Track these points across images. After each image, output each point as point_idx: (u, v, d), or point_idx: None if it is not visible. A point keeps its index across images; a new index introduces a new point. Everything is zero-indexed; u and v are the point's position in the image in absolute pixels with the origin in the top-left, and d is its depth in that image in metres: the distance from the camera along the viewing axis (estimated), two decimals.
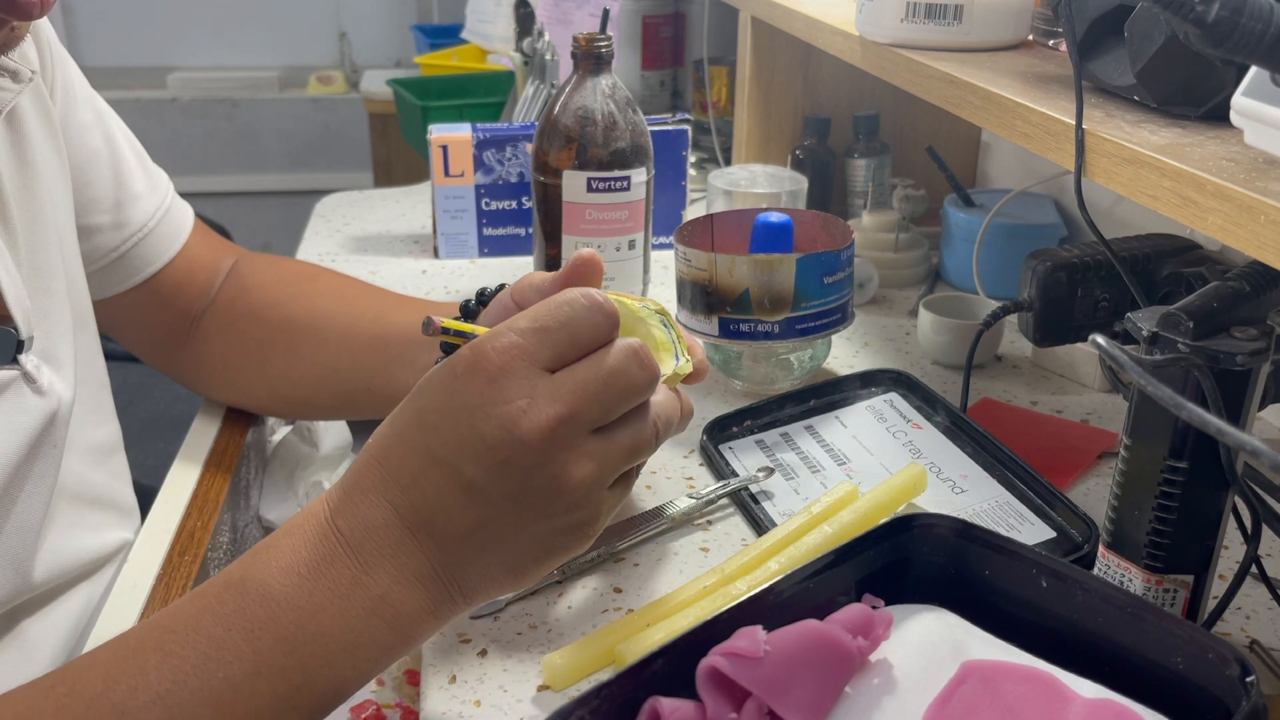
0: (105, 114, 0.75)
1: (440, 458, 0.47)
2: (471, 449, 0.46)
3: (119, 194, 0.74)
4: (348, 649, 0.46)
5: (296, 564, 0.47)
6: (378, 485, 0.48)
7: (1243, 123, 0.46)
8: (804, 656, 0.45)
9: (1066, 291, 0.78)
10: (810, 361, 0.87)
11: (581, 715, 0.44)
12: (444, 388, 0.48)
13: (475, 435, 0.46)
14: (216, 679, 0.44)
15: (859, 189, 1.21)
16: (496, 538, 0.48)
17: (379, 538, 0.47)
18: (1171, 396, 0.39)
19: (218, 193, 3.15)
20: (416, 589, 0.48)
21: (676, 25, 1.75)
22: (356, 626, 0.46)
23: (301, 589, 0.46)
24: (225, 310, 0.81)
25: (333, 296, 0.80)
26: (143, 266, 0.76)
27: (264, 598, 0.46)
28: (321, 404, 0.82)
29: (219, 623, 0.45)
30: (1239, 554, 0.56)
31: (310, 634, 0.46)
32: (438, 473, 0.47)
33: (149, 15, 3.12)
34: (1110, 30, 0.60)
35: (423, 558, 0.48)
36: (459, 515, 0.47)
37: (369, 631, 0.47)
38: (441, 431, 0.47)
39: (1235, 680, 0.43)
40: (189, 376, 0.84)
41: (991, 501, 0.71)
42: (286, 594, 0.46)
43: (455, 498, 0.47)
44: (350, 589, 0.46)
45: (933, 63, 0.73)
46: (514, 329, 0.47)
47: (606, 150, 0.92)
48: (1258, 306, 0.51)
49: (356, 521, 0.47)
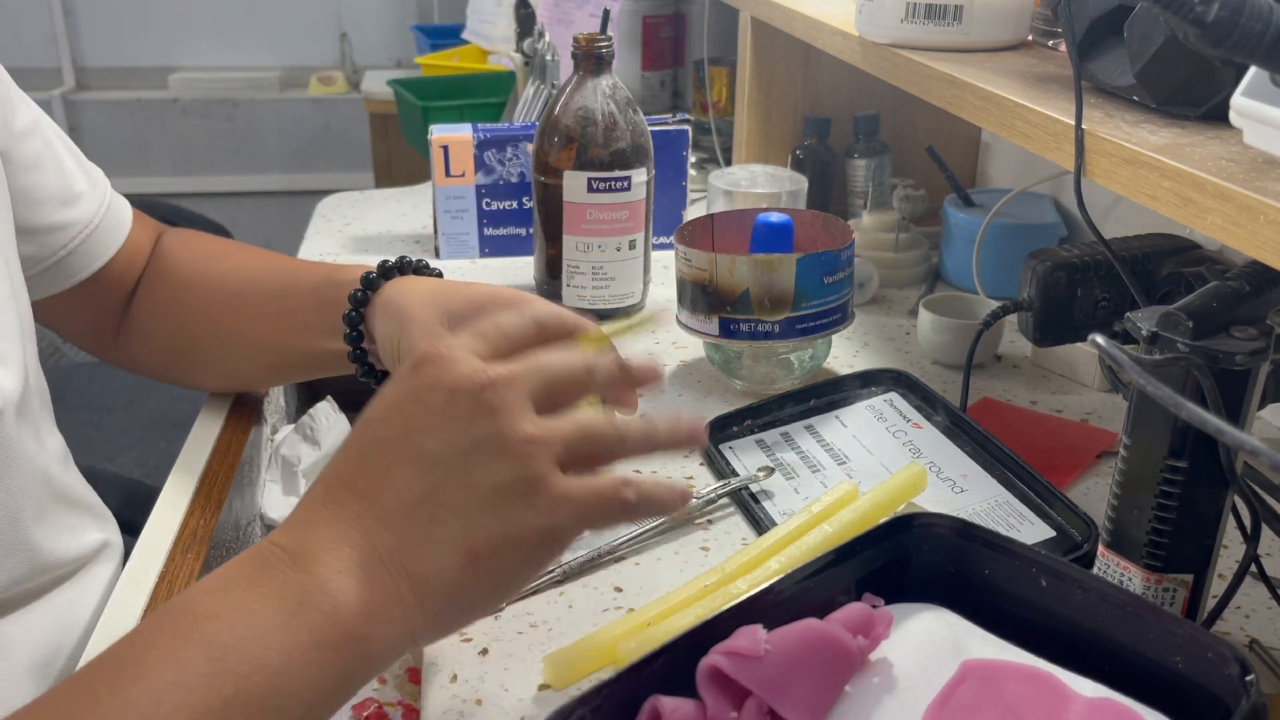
0: (39, 118, 0.74)
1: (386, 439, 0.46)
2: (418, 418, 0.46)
3: (63, 194, 0.74)
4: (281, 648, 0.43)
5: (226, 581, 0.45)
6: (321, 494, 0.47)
7: (1242, 123, 0.47)
8: (804, 655, 0.45)
9: (1066, 291, 0.78)
10: (810, 361, 0.87)
11: (582, 714, 0.44)
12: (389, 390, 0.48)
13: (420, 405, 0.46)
14: (132, 692, 0.41)
15: (859, 189, 1.22)
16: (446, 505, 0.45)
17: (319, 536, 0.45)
18: (1171, 396, 0.39)
19: (219, 193, 3.15)
20: (358, 579, 0.44)
21: (677, 25, 1.75)
22: (290, 624, 0.43)
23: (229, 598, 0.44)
24: (151, 294, 0.81)
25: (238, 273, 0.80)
26: (89, 262, 0.76)
27: (187, 612, 0.44)
28: (256, 376, 0.84)
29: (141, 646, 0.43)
30: (1238, 553, 0.57)
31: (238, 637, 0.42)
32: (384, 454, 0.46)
33: (150, 16, 3.12)
34: (1110, 30, 0.61)
35: (367, 546, 0.45)
36: (406, 485, 0.45)
37: (304, 628, 0.43)
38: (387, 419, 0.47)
39: (1235, 679, 0.43)
40: (126, 361, 0.85)
41: (991, 501, 0.71)
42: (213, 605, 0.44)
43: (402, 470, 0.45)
44: (283, 588, 0.44)
45: (933, 63, 0.73)
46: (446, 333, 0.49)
47: (607, 150, 0.92)
48: (1257, 306, 0.51)
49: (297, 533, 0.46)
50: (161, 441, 1.40)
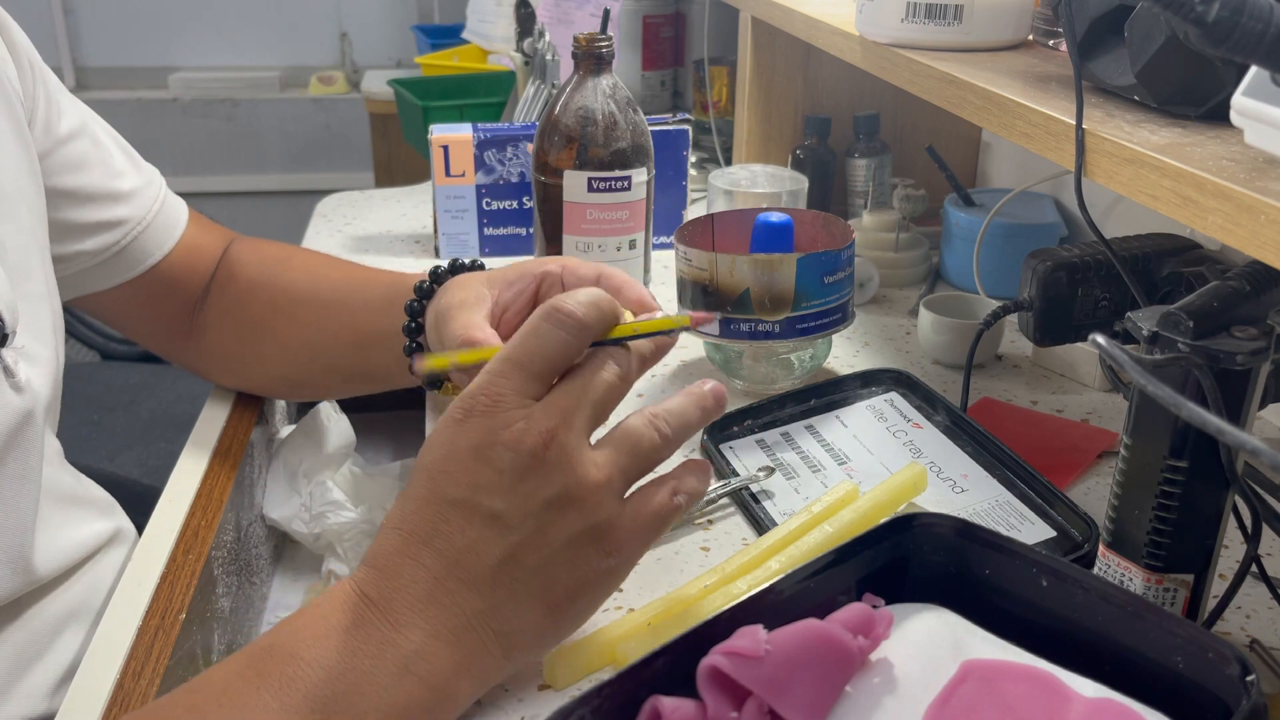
0: (88, 119, 0.76)
1: (457, 499, 0.48)
2: (486, 480, 0.48)
3: (113, 193, 0.76)
4: (380, 710, 0.46)
5: (326, 629, 0.47)
6: (400, 548, 0.48)
7: (1243, 122, 0.46)
8: (804, 656, 0.45)
9: (1067, 291, 0.78)
10: (811, 361, 0.87)
11: (583, 714, 0.44)
12: (445, 438, 0.49)
13: (486, 467, 0.48)
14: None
15: (859, 189, 1.22)
16: (526, 567, 0.48)
17: (408, 595, 0.47)
18: (1172, 396, 0.39)
19: (219, 193, 3.15)
20: (450, 643, 0.47)
21: (677, 25, 1.75)
22: (389, 685, 0.46)
23: (330, 650, 0.46)
24: (219, 298, 0.83)
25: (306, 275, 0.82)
26: (143, 259, 0.78)
27: (292, 658, 0.46)
28: (317, 382, 0.85)
29: (247, 684, 0.45)
30: (1239, 553, 0.57)
31: (340, 692, 0.45)
32: (458, 514, 0.48)
33: (150, 15, 3.12)
34: (1110, 30, 0.60)
35: (455, 609, 0.47)
36: (486, 550, 0.48)
37: (402, 691, 0.46)
38: (452, 475, 0.48)
39: (1235, 679, 0.43)
40: (194, 364, 0.87)
41: (992, 501, 0.71)
42: (315, 654, 0.46)
43: (479, 533, 0.48)
44: (381, 648, 0.46)
45: (933, 63, 0.73)
46: (492, 371, 0.50)
47: (607, 150, 0.92)
48: (1258, 306, 0.51)
49: (384, 585, 0.48)
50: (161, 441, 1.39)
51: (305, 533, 0.90)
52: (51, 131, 0.71)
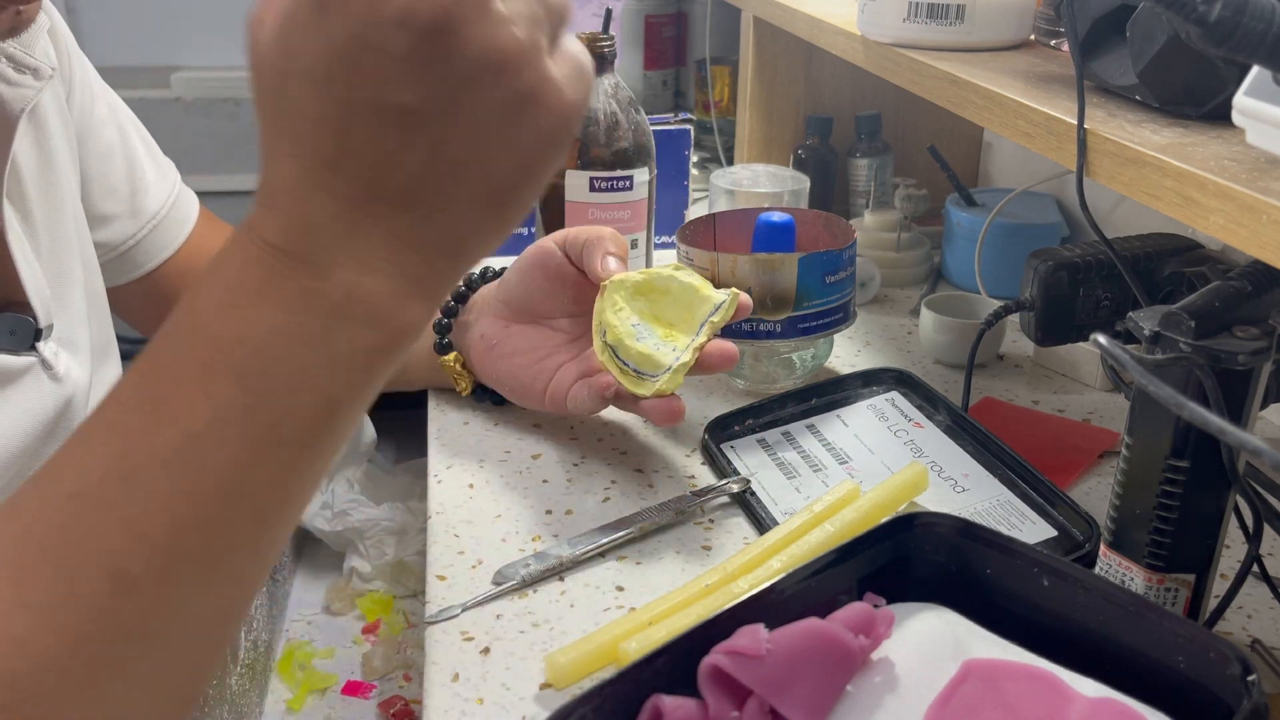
0: (118, 108, 0.78)
1: (356, 100, 0.37)
2: (384, 73, 0.37)
3: (133, 184, 0.77)
4: (324, 365, 0.39)
5: (234, 296, 0.39)
6: (302, 178, 0.39)
7: (1244, 122, 0.46)
8: (806, 655, 0.45)
9: (1068, 291, 0.78)
10: (812, 360, 0.87)
11: (584, 713, 0.44)
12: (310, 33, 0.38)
13: (380, 55, 0.37)
14: (170, 434, 0.38)
15: (861, 188, 1.21)
16: (454, 162, 0.39)
17: (323, 234, 0.39)
18: (1173, 396, 0.39)
19: (221, 192, 3.13)
20: (386, 273, 0.39)
21: (679, 25, 1.75)
22: (326, 339, 0.39)
23: (247, 319, 0.38)
24: None
25: None
26: (155, 253, 0.79)
27: (205, 338, 0.39)
28: None
29: (163, 379, 0.39)
30: (1240, 553, 0.57)
31: (271, 362, 0.38)
32: (362, 121, 0.38)
33: (153, 15, 3.12)
34: (1112, 30, 0.60)
35: (382, 234, 0.39)
36: (404, 155, 0.38)
37: (344, 339, 0.39)
38: (342, 76, 0.37)
39: (1236, 679, 0.43)
40: None
41: (993, 500, 0.71)
42: (231, 328, 0.38)
43: (392, 134, 0.38)
44: (305, 301, 0.39)
45: (935, 62, 0.73)
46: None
47: (609, 150, 0.92)
48: (1259, 306, 0.51)
49: (292, 228, 0.39)
50: None
51: (327, 530, 0.90)
52: (86, 114, 0.73)
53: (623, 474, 0.76)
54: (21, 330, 0.60)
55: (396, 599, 0.98)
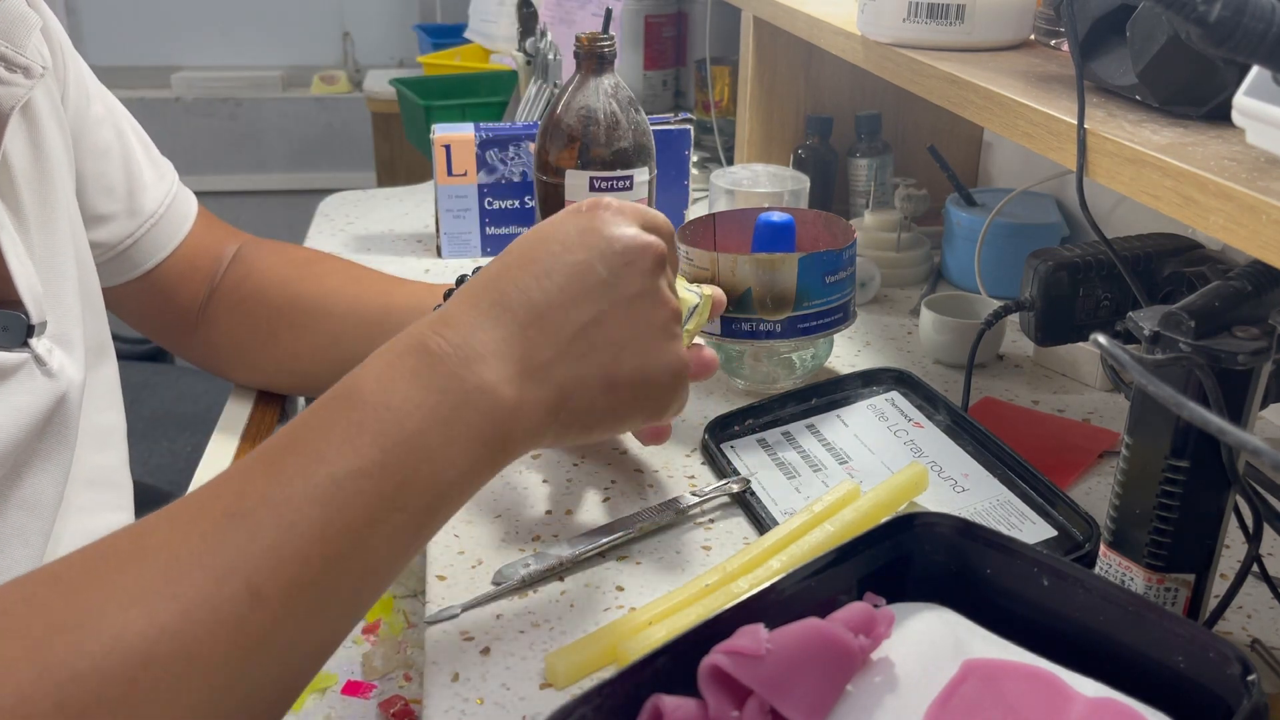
0: (114, 108, 0.78)
1: (570, 262, 0.51)
2: (601, 250, 0.51)
3: (130, 184, 0.77)
4: (444, 442, 0.46)
5: (393, 371, 0.47)
6: (483, 294, 0.50)
7: (1244, 122, 0.47)
8: (806, 655, 0.45)
9: (1068, 291, 0.78)
10: (812, 360, 0.87)
11: (584, 713, 0.44)
12: (564, 215, 0.54)
13: (606, 239, 0.52)
14: (320, 477, 0.44)
15: (861, 188, 1.22)
16: (604, 338, 0.51)
17: (485, 338, 0.49)
18: (1173, 396, 0.39)
19: (221, 192, 3.15)
20: (514, 384, 0.48)
21: (679, 25, 1.75)
22: (451, 418, 0.46)
23: (397, 391, 0.46)
24: (231, 293, 0.83)
25: (338, 275, 0.84)
26: (153, 253, 0.80)
27: (360, 402, 0.46)
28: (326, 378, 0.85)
29: (319, 431, 0.46)
30: (1240, 553, 0.57)
31: (408, 432, 0.45)
32: (563, 270, 0.51)
33: (153, 15, 3.12)
34: (1112, 30, 0.61)
35: (526, 356, 0.49)
36: (577, 308, 0.50)
37: (463, 422, 0.47)
38: (570, 239, 0.52)
39: (1236, 679, 0.43)
40: (199, 358, 0.88)
41: (993, 500, 0.71)
42: (381, 397, 0.46)
43: (578, 290, 0.50)
44: (447, 383, 0.47)
45: (935, 62, 0.73)
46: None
47: (609, 150, 0.92)
48: (1259, 306, 0.51)
49: (461, 332, 0.49)
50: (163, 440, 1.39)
51: None
52: (81, 113, 0.73)
53: (623, 474, 0.76)
54: (13, 326, 0.60)
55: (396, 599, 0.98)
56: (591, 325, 0.51)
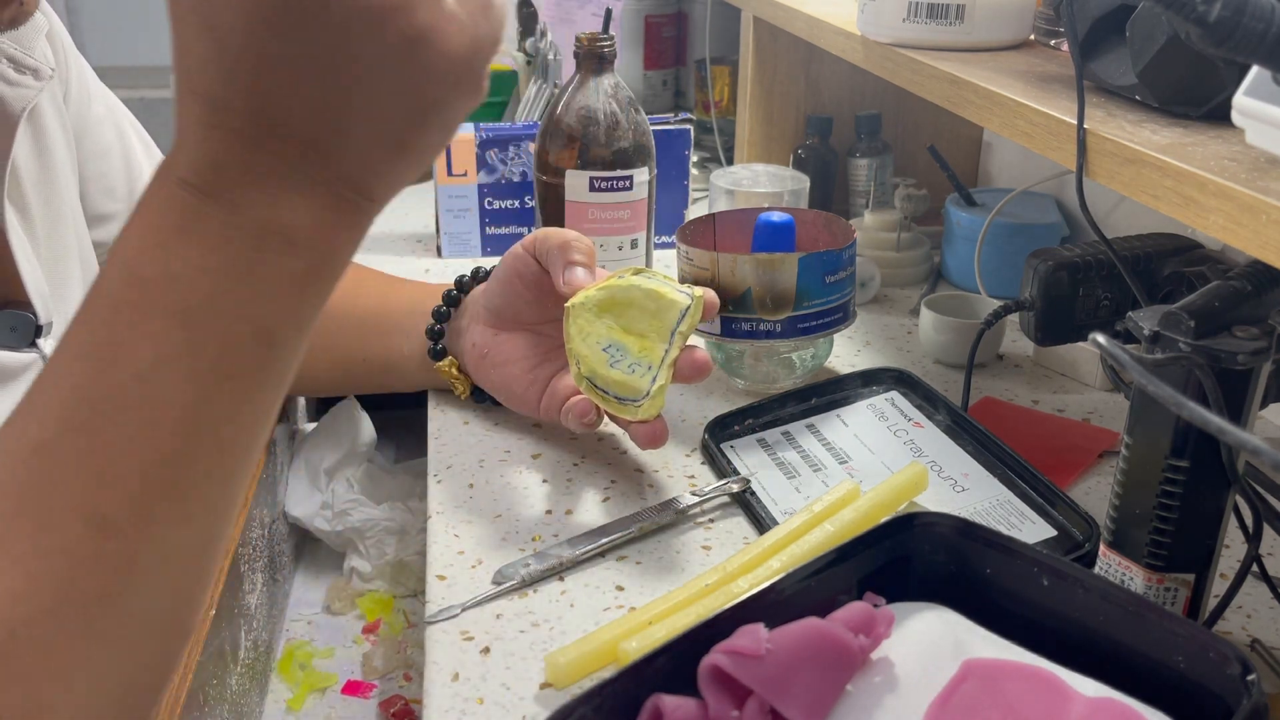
0: (115, 107, 0.78)
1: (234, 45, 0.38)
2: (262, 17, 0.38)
3: (131, 184, 0.77)
4: (255, 296, 0.40)
5: (158, 235, 0.40)
6: (198, 115, 0.40)
7: (1244, 122, 0.47)
8: (805, 654, 0.45)
9: (1068, 291, 0.78)
10: (812, 360, 0.87)
11: (584, 713, 0.44)
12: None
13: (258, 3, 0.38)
14: (119, 378, 0.39)
15: (861, 188, 1.22)
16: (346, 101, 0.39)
17: (226, 170, 0.40)
18: (1173, 395, 0.39)
19: None
20: (295, 204, 0.40)
21: (679, 25, 1.75)
22: (251, 270, 0.40)
23: (173, 257, 0.39)
24: None
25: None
26: None
27: (136, 280, 0.40)
28: (319, 376, 0.85)
29: (103, 324, 0.40)
30: (1240, 553, 0.57)
31: (204, 298, 0.40)
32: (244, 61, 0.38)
33: (153, 14, 3.12)
34: (1112, 30, 0.61)
35: (284, 169, 0.40)
36: (297, 89, 0.39)
37: (267, 266, 0.40)
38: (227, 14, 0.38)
39: (1236, 679, 0.43)
40: None
41: (993, 500, 0.71)
42: (159, 268, 0.39)
43: (283, 71, 0.38)
44: (224, 234, 0.40)
45: (935, 62, 0.73)
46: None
47: (609, 150, 0.92)
48: (1259, 305, 0.51)
49: (196, 162, 0.40)
50: None
51: (327, 530, 0.90)
52: (83, 114, 0.73)
53: (623, 474, 0.76)
54: (22, 327, 0.61)
55: (396, 599, 0.98)
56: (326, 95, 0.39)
